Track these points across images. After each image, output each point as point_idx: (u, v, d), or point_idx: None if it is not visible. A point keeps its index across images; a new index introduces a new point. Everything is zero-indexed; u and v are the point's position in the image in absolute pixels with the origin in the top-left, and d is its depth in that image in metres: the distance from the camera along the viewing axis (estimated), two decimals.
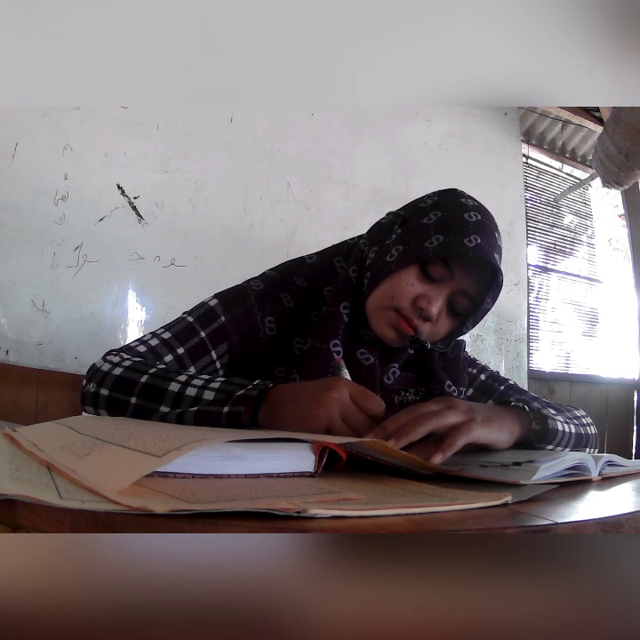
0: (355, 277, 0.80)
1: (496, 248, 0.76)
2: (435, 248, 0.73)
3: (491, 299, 0.78)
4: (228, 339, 0.77)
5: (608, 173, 2.23)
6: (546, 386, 2.78)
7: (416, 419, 0.58)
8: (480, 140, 2.64)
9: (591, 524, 0.38)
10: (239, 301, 0.80)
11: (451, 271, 0.75)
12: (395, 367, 0.82)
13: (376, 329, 0.77)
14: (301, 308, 0.81)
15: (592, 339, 3.23)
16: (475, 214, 0.76)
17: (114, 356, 0.71)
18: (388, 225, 0.82)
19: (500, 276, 0.76)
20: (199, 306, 0.81)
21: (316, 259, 0.87)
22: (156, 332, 0.78)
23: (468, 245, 0.73)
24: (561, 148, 3.21)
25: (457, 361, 0.88)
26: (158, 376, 0.65)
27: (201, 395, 0.62)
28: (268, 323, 0.79)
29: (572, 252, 3.24)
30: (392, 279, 0.75)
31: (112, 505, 0.30)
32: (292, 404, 0.58)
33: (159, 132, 1.92)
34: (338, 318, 0.77)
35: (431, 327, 0.76)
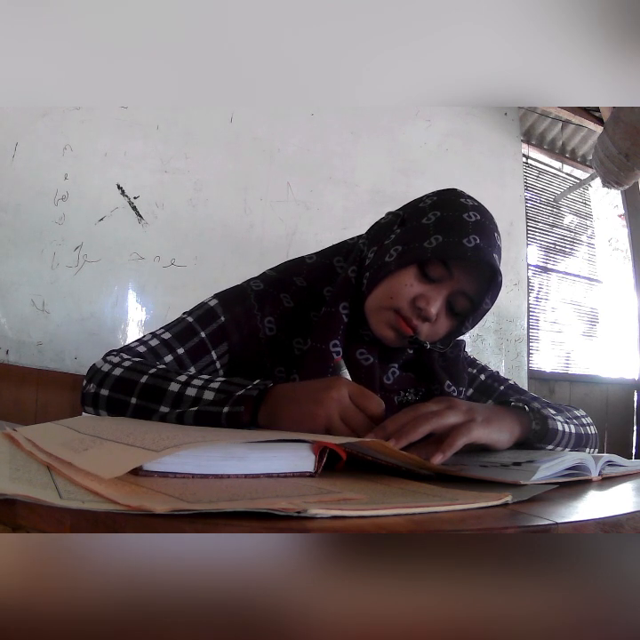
0: (354, 277, 0.80)
1: (495, 248, 0.76)
2: (433, 248, 0.73)
3: (490, 299, 0.78)
4: (227, 339, 0.77)
5: (608, 173, 2.23)
6: (546, 386, 2.78)
7: (416, 419, 0.58)
8: (480, 140, 2.64)
9: (591, 524, 0.38)
10: (239, 301, 0.80)
11: (450, 271, 0.75)
12: (394, 367, 0.82)
13: (375, 329, 0.77)
14: (301, 309, 0.81)
15: (592, 339, 3.23)
16: (474, 214, 0.76)
17: (114, 357, 0.71)
18: (388, 225, 0.82)
19: (500, 277, 0.75)
20: (199, 306, 0.81)
21: (316, 259, 0.87)
22: (156, 333, 0.78)
23: (467, 246, 0.73)
24: (561, 148, 3.21)
25: (457, 361, 0.88)
26: (158, 376, 0.65)
27: (201, 395, 0.62)
28: (268, 323, 0.79)
29: (572, 251, 3.24)
30: (391, 279, 0.75)
31: (112, 505, 0.30)
32: (292, 404, 0.58)
33: (159, 132, 1.92)
34: (337, 318, 0.77)
35: (430, 327, 0.76)
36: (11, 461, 0.42)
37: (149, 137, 1.91)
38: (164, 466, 0.38)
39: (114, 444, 0.40)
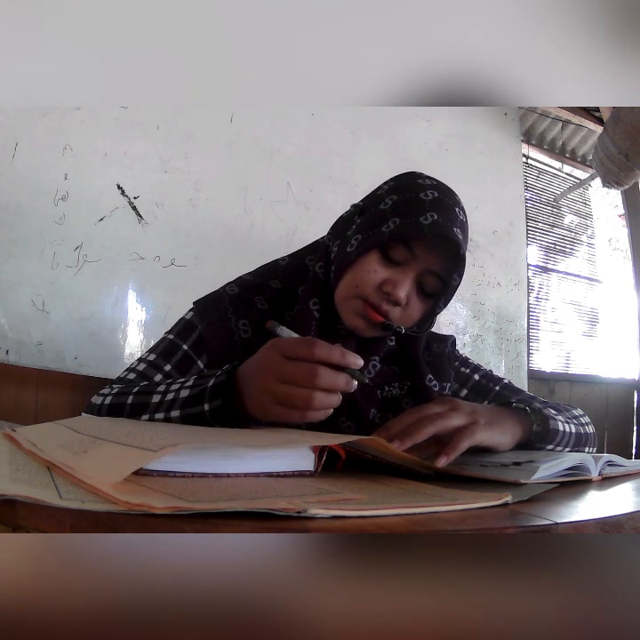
0: (322, 273, 0.80)
1: (456, 223, 0.74)
2: (391, 231, 0.72)
3: (457, 274, 0.75)
4: (207, 345, 0.78)
5: (608, 173, 2.23)
6: (546, 386, 2.78)
7: (420, 420, 0.58)
8: (480, 139, 2.64)
9: (591, 524, 0.38)
10: (214, 307, 0.81)
11: (412, 252, 0.73)
12: (375, 360, 0.82)
13: (345, 320, 0.76)
14: (275, 310, 0.81)
15: (592, 339, 3.22)
16: (431, 192, 0.75)
17: (105, 389, 0.73)
18: (349, 217, 0.82)
19: (462, 250, 0.73)
20: (178, 322, 0.83)
21: (289, 260, 0.88)
22: (141, 357, 0.80)
23: (424, 223, 0.71)
24: (561, 148, 3.21)
25: (441, 356, 0.88)
26: (141, 393, 0.67)
27: (177, 396, 0.62)
28: (243, 326, 0.79)
29: (572, 251, 3.24)
30: (354, 268, 0.75)
31: (112, 505, 0.30)
32: (247, 387, 0.57)
33: (159, 132, 1.92)
34: (309, 315, 0.77)
35: (402, 311, 0.75)
36: (11, 461, 0.42)
37: (149, 137, 1.90)
38: (163, 465, 0.38)
39: (113, 445, 0.40)
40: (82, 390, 1.69)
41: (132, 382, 0.74)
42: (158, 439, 0.39)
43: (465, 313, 2.46)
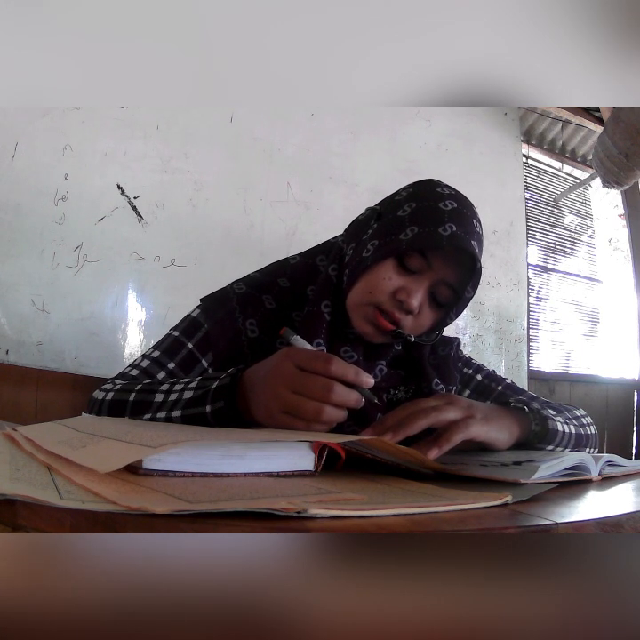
0: (335, 276, 0.80)
1: (474, 235, 0.74)
2: (409, 240, 0.72)
3: (472, 287, 0.76)
4: (213, 344, 0.78)
5: (608, 173, 2.23)
6: (546, 386, 2.78)
7: (415, 413, 0.58)
8: (480, 139, 2.64)
9: (591, 524, 0.38)
10: (221, 305, 0.80)
11: (428, 262, 0.73)
12: (382, 364, 0.82)
13: (356, 325, 0.76)
14: (283, 309, 0.80)
15: (592, 339, 3.22)
16: (450, 202, 0.75)
17: (107, 385, 0.73)
18: (365, 220, 0.82)
19: (479, 264, 0.73)
20: (183, 319, 0.82)
21: (299, 259, 0.87)
22: (145, 354, 0.79)
23: (443, 234, 0.71)
24: (561, 148, 3.21)
25: (447, 359, 0.88)
26: (144, 391, 0.67)
27: (181, 397, 0.62)
28: (250, 325, 0.79)
29: (573, 251, 3.24)
30: (369, 274, 0.74)
31: (112, 505, 0.30)
32: (254, 391, 0.58)
33: (159, 132, 1.92)
34: (319, 317, 0.77)
35: (414, 320, 0.75)
36: (11, 461, 0.42)
37: (149, 137, 1.90)
38: (163, 464, 0.38)
39: (112, 442, 0.40)
40: (82, 390, 1.69)
41: (135, 379, 0.74)
42: (158, 437, 0.39)
43: (465, 313, 2.46)
